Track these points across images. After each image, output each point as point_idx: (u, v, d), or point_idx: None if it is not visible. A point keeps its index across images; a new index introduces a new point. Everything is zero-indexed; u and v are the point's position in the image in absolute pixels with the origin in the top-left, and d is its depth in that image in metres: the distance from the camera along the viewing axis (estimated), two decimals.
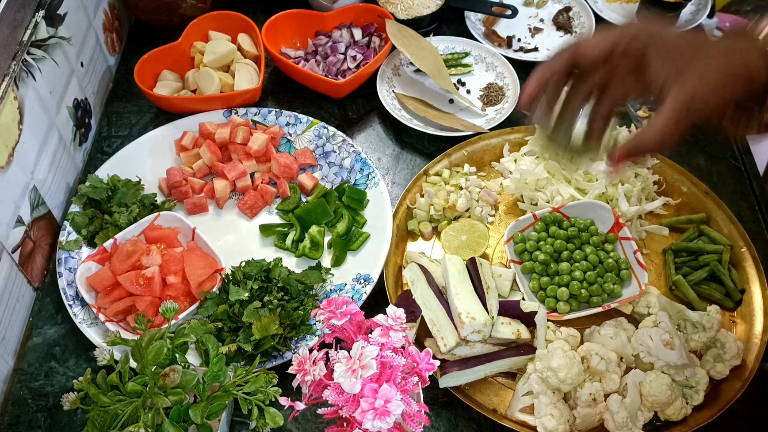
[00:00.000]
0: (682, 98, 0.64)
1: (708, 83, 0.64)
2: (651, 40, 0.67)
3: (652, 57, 0.66)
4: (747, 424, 0.91)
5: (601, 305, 0.97)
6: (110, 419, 0.73)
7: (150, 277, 0.95)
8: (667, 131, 0.65)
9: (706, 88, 0.64)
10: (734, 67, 0.65)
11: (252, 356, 0.91)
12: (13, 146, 0.96)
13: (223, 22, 1.28)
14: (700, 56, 0.65)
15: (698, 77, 0.64)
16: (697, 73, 0.64)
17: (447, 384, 0.89)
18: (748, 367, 0.92)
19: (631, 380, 0.87)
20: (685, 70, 0.64)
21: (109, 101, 1.28)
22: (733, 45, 0.68)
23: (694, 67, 0.65)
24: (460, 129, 1.18)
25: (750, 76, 0.65)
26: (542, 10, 1.44)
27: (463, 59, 1.32)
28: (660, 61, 0.66)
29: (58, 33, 1.08)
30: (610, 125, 0.73)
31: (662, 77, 0.65)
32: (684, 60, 0.65)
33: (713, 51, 0.66)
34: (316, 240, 1.06)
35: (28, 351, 0.98)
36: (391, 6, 1.33)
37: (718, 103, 0.65)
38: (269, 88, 1.30)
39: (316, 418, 0.90)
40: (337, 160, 1.15)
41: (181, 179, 1.11)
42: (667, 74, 0.65)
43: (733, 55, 0.66)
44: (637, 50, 0.67)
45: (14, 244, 0.97)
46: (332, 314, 0.72)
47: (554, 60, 0.72)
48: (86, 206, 1.07)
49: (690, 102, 0.64)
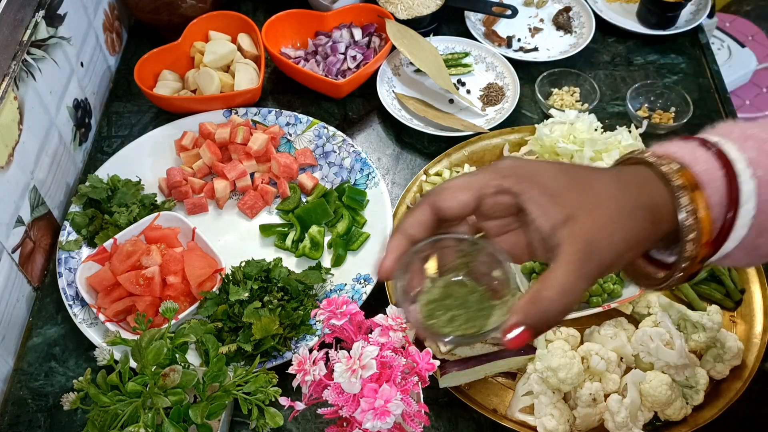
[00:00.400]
0: (579, 245, 0.50)
1: (606, 223, 0.51)
2: (525, 185, 0.52)
3: (531, 205, 0.52)
4: (747, 424, 0.91)
5: (601, 305, 0.96)
6: (110, 419, 0.73)
7: (150, 277, 0.95)
8: (570, 286, 0.50)
9: (605, 228, 0.51)
10: (633, 201, 0.53)
11: (252, 356, 0.91)
12: (13, 146, 0.96)
13: (223, 22, 1.28)
14: (589, 194, 0.52)
15: (593, 218, 0.51)
16: (591, 213, 0.51)
17: (447, 384, 0.89)
18: (748, 367, 0.92)
19: (631, 380, 0.87)
20: (575, 213, 0.51)
21: (109, 101, 1.28)
22: (625, 176, 0.55)
23: (584, 207, 0.51)
24: (460, 129, 1.18)
25: (656, 210, 0.53)
26: (542, 10, 1.44)
27: (463, 59, 1.32)
28: (541, 209, 0.51)
29: (58, 33, 1.08)
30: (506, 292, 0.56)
31: (548, 228, 0.51)
32: (571, 201, 0.51)
33: (604, 186, 0.53)
34: (316, 240, 1.06)
35: (28, 351, 0.98)
36: (391, 6, 1.33)
37: (626, 243, 0.52)
38: (269, 88, 1.30)
39: (316, 418, 0.90)
40: (337, 160, 1.15)
41: (181, 179, 1.11)
42: (554, 222, 0.51)
43: (630, 187, 0.54)
44: (507, 198, 0.53)
45: (14, 244, 0.97)
46: (332, 314, 0.72)
47: (410, 222, 0.55)
48: (86, 206, 1.07)
49: (590, 247, 0.50)
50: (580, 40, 1.35)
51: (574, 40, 1.37)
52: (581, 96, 1.26)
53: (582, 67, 1.32)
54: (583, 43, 1.33)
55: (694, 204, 0.52)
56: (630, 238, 0.52)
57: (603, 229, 0.51)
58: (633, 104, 1.24)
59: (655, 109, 1.25)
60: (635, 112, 1.23)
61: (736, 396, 0.89)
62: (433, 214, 0.55)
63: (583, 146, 1.07)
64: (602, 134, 1.10)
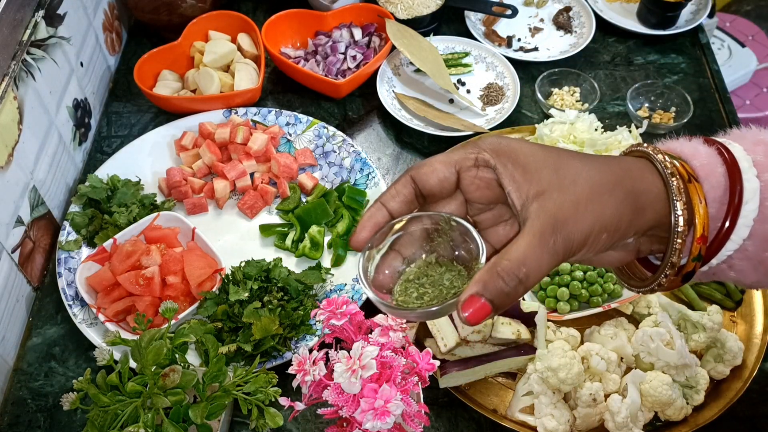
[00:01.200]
0: (544, 218, 0.49)
1: (578, 200, 0.49)
2: (502, 158, 0.52)
3: (506, 179, 0.51)
4: (747, 424, 0.91)
5: (601, 305, 0.96)
6: (110, 419, 0.73)
7: (150, 277, 0.95)
8: (531, 258, 0.47)
9: (576, 205, 0.49)
10: (613, 183, 0.51)
11: (252, 356, 0.91)
12: (13, 146, 0.96)
13: (223, 21, 1.28)
14: (565, 172, 0.51)
15: (564, 194, 0.49)
16: (563, 190, 0.50)
17: (447, 384, 0.89)
18: (748, 367, 0.92)
19: (631, 380, 0.87)
20: (546, 189, 0.50)
21: (108, 101, 1.28)
22: (613, 161, 0.53)
23: (558, 184, 0.50)
24: (460, 129, 1.18)
25: (639, 196, 0.51)
26: (542, 10, 1.44)
27: (463, 59, 1.32)
28: (515, 184, 0.51)
29: (57, 33, 1.08)
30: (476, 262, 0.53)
31: (519, 203, 0.50)
32: (545, 178, 0.50)
33: (584, 166, 0.51)
34: (316, 240, 1.06)
35: (28, 351, 0.98)
36: (391, 6, 1.33)
37: (598, 223, 0.50)
38: (269, 88, 1.29)
39: (316, 418, 0.90)
40: (337, 160, 1.15)
41: (180, 179, 1.11)
42: (525, 197, 0.50)
43: (613, 170, 0.52)
44: (487, 173, 0.53)
45: (14, 244, 0.97)
46: (332, 314, 0.72)
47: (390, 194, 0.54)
48: (86, 206, 1.07)
49: (556, 221, 0.48)
50: (581, 39, 1.35)
51: (574, 39, 1.37)
52: (581, 96, 1.26)
53: (582, 67, 1.32)
54: (583, 42, 1.33)
55: (689, 195, 0.51)
56: (604, 220, 0.50)
57: (573, 206, 0.49)
58: (633, 104, 1.24)
59: (655, 108, 1.25)
60: (635, 112, 1.23)
61: (736, 396, 0.89)
62: (414, 188, 0.54)
63: (583, 146, 1.07)
64: (602, 134, 1.10)
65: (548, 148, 0.53)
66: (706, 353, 0.93)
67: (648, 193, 0.51)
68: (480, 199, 0.54)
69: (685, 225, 0.51)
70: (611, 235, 0.51)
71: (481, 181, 0.53)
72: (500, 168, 0.52)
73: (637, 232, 0.52)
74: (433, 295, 0.54)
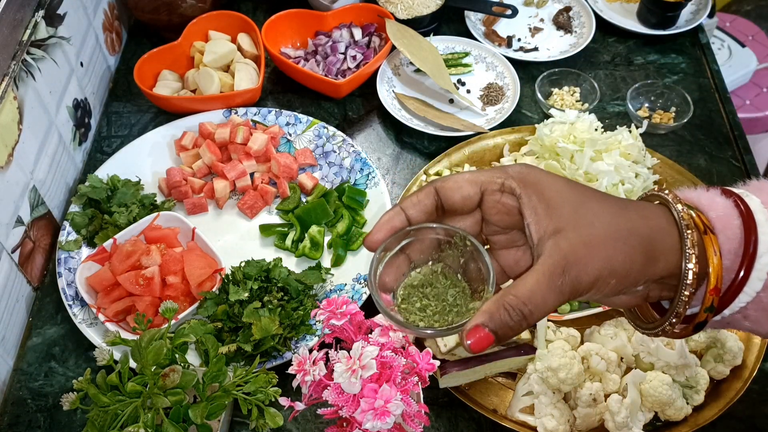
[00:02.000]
0: (557, 257, 0.50)
1: (591, 242, 0.50)
2: (528, 190, 0.53)
3: (528, 210, 0.52)
4: (747, 424, 0.91)
5: (601, 305, 0.96)
6: (110, 419, 0.73)
7: (150, 277, 0.95)
8: (538, 295, 0.49)
9: (589, 247, 0.50)
10: (629, 229, 0.51)
11: (252, 356, 0.91)
12: (13, 146, 0.96)
13: (223, 21, 1.28)
14: (584, 212, 0.51)
15: (579, 234, 0.50)
16: (579, 230, 0.50)
17: (447, 384, 0.89)
18: (748, 367, 0.92)
19: (631, 380, 0.87)
20: (564, 227, 0.51)
21: (108, 101, 1.28)
22: (633, 206, 0.54)
23: (575, 223, 0.51)
24: (460, 129, 1.18)
25: (653, 244, 0.51)
26: (542, 10, 1.44)
27: (463, 59, 1.32)
28: (536, 217, 0.52)
29: (57, 33, 1.08)
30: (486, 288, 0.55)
31: (536, 237, 0.51)
32: (564, 215, 0.51)
33: (603, 209, 0.52)
34: (316, 240, 1.05)
35: (28, 351, 0.98)
36: (391, 6, 1.33)
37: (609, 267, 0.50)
38: (269, 88, 1.29)
39: (316, 418, 0.90)
40: (337, 160, 1.15)
41: (180, 179, 1.11)
42: (543, 232, 0.51)
43: (631, 216, 0.52)
44: (510, 200, 0.54)
45: (14, 244, 0.97)
46: (332, 314, 0.72)
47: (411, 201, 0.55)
48: (86, 206, 1.07)
49: (567, 262, 0.49)
50: (581, 39, 1.35)
51: (574, 39, 1.37)
52: (581, 96, 1.26)
53: (582, 67, 1.32)
54: (583, 42, 1.33)
55: (703, 248, 0.51)
56: (614, 265, 0.50)
57: (586, 247, 0.50)
58: (633, 104, 1.24)
59: (655, 108, 1.25)
60: (635, 112, 1.23)
61: (736, 396, 0.89)
62: (436, 200, 0.55)
63: (583, 146, 1.07)
64: (602, 134, 1.10)
65: (574, 185, 0.53)
66: (706, 353, 0.93)
67: (662, 243, 0.52)
68: (498, 223, 0.55)
69: (695, 278, 0.51)
70: (620, 281, 0.51)
71: (503, 207, 0.54)
72: (525, 198, 0.53)
73: (648, 279, 0.52)
74: (436, 309, 0.55)
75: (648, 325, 0.56)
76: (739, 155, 1.19)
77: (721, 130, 1.23)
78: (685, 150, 1.20)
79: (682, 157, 1.18)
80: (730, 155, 1.19)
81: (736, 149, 1.20)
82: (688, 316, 0.53)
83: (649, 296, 0.55)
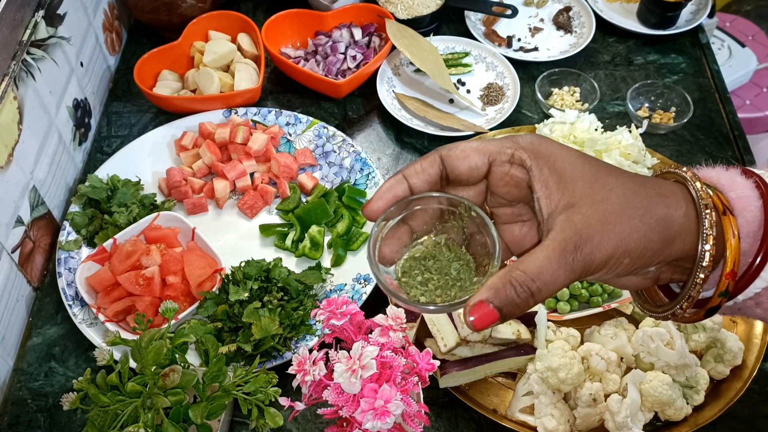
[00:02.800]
0: (569, 233, 0.47)
1: (606, 219, 0.47)
2: (539, 161, 0.50)
3: (538, 184, 0.49)
4: (747, 424, 0.91)
5: (601, 305, 0.96)
6: (110, 419, 0.73)
7: (150, 277, 0.95)
8: (547, 271, 0.46)
9: (603, 223, 0.47)
10: (645, 207, 0.48)
11: (252, 356, 0.91)
12: (13, 146, 0.96)
13: (223, 21, 1.28)
14: (600, 187, 0.49)
15: (594, 210, 0.48)
16: (594, 206, 0.48)
17: (447, 384, 0.89)
18: (748, 367, 0.92)
19: (631, 380, 0.87)
20: (577, 202, 0.48)
21: (108, 101, 1.28)
22: (650, 182, 0.51)
23: (590, 198, 0.48)
24: (460, 129, 1.18)
25: (669, 224, 0.49)
26: (542, 10, 1.44)
27: (463, 59, 1.32)
28: (547, 191, 0.49)
29: (57, 33, 1.08)
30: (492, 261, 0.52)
31: (547, 211, 0.49)
32: (578, 190, 0.48)
33: (620, 185, 0.49)
34: (316, 240, 1.05)
35: (28, 351, 0.98)
36: (391, 6, 1.33)
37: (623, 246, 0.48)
38: (269, 88, 1.29)
39: (316, 418, 0.90)
40: (337, 160, 1.15)
41: (180, 179, 1.11)
42: (554, 206, 0.48)
43: (649, 194, 0.49)
44: (520, 172, 0.50)
45: (14, 244, 0.97)
46: (332, 314, 0.72)
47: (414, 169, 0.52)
48: (86, 206, 1.07)
49: (579, 238, 0.47)
50: (580, 39, 1.35)
51: (574, 39, 1.37)
52: (581, 96, 1.26)
53: (582, 67, 1.32)
54: (583, 42, 1.33)
55: (721, 230, 0.48)
56: (630, 243, 0.47)
57: (601, 224, 0.47)
58: (633, 104, 1.24)
59: (655, 108, 1.25)
60: (635, 112, 1.23)
61: (736, 396, 0.89)
62: (441, 169, 0.52)
63: (583, 146, 1.07)
64: (602, 134, 1.10)
65: (588, 158, 0.51)
66: (706, 353, 0.93)
67: (679, 224, 0.49)
68: (505, 195, 0.53)
69: (711, 261, 0.48)
70: (634, 260, 0.49)
71: (511, 179, 0.51)
72: (535, 171, 0.50)
73: (661, 261, 0.50)
74: (438, 284, 0.52)
75: (656, 308, 0.54)
76: (739, 155, 1.19)
77: (721, 130, 1.23)
78: (685, 150, 1.20)
79: (682, 157, 1.18)
80: (730, 155, 1.19)
81: (736, 149, 1.20)
82: (700, 300, 0.51)
83: (659, 278, 0.53)
